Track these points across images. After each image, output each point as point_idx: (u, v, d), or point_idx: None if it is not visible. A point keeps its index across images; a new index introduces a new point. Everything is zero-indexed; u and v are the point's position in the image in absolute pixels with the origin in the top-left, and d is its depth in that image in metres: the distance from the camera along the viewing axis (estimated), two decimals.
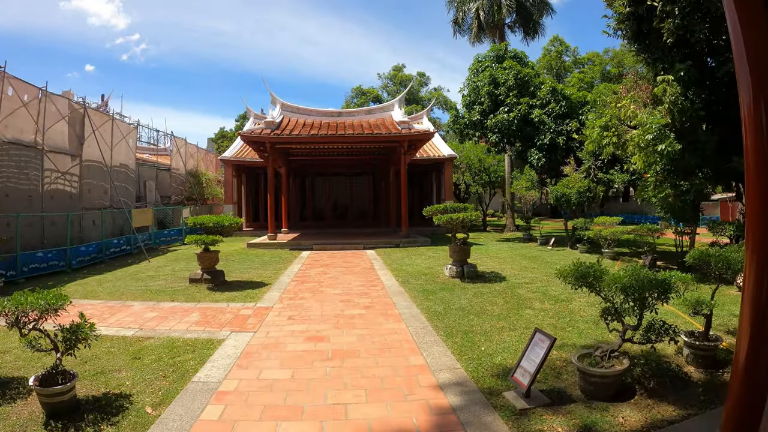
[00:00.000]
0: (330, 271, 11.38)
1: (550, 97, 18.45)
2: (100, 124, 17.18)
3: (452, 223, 9.09)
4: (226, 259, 14.11)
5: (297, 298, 8.29)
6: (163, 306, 8.15)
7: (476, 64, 20.59)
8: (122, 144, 18.57)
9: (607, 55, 40.30)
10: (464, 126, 19.43)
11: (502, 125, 17.86)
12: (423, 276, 10.31)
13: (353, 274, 10.86)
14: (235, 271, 11.61)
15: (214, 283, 9.77)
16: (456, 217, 9.00)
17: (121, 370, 5.12)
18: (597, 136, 11.83)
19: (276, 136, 16.86)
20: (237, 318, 6.99)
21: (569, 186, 16.36)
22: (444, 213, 9.50)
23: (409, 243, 17.01)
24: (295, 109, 20.56)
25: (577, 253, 15.28)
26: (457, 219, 9.00)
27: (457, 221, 9.05)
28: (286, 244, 17.01)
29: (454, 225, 9.22)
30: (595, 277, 4.47)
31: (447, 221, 9.05)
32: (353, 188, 28.92)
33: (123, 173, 18.73)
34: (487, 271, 10.94)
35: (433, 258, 13.53)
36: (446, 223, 9.16)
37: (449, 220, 9.01)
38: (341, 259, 13.69)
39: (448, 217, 9.00)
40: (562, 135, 17.65)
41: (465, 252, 9.81)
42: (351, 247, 16.31)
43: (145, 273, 12.05)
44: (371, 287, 9.15)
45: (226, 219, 9.64)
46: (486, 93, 18.67)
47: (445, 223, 9.17)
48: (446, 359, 5.01)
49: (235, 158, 24.01)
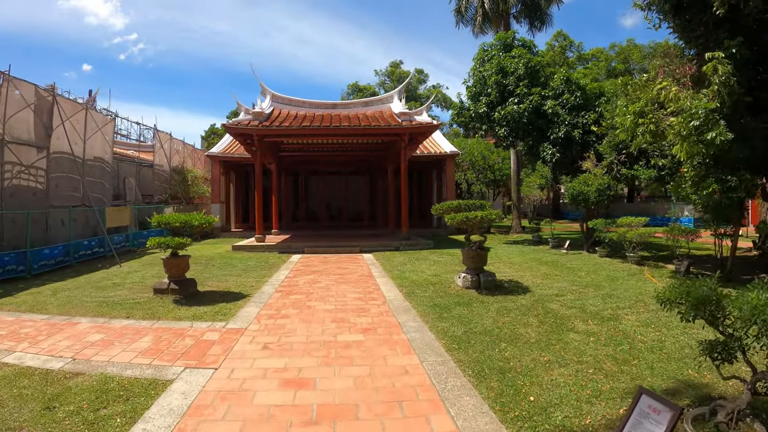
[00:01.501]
0: (322, 279, 9.80)
1: (563, 87, 16.95)
2: (72, 113, 15.52)
3: (468, 223, 7.53)
4: (205, 264, 12.53)
5: (279, 315, 6.70)
6: (114, 325, 6.60)
7: (481, 54, 19.07)
8: (97, 136, 16.92)
9: (612, 50, 38.98)
10: (469, 119, 17.88)
11: (512, 118, 16.34)
12: (431, 286, 8.75)
13: (349, 283, 9.28)
14: (211, 279, 10.00)
15: (183, 295, 8.18)
16: (473, 217, 7.44)
17: (21, 430, 3.59)
18: (631, 124, 10.30)
19: (264, 128, 15.27)
20: (198, 345, 5.40)
21: (588, 183, 14.86)
22: (457, 211, 7.95)
23: (410, 246, 15.45)
24: (287, 100, 18.95)
25: (596, 257, 13.84)
26: (474, 219, 7.45)
27: (474, 221, 7.49)
28: (274, 247, 15.41)
29: (470, 226, 7.67)
30: (717, 305, 2.93)
31: (462, 221, 7.49)
32: (349, 187, 27.31)
33: (98, 168, 17.08)
34: (504, 279, 9.40)
35: (439, 263, 11.97)
36: (461, 224, 7.61)
37: (464, 220, 7.45)
38: (335, 264, 12.11)
39: (464, 217, 7.44)
40: (578, 128, 16.14)
41: (481, 258, 8.26)
42: (346, 250, 14.73)
43: (111, 280, 10.45)
44: (370, 301, 7.57)
45: (196, 218, 8.04)
46: (494, 83, 17.14)
47: (460, 224, 7.61)
48: (485, 421, 3.44)
49: (223, 154, 22.38)
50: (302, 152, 22.21)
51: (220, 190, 22.63)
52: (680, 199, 11.37)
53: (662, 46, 37.65)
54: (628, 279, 10.12)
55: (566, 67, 17.74)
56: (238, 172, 24.41)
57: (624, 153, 14.29)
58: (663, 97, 9.94)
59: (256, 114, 15.71)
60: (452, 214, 7.71)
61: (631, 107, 10.70)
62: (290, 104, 18.75)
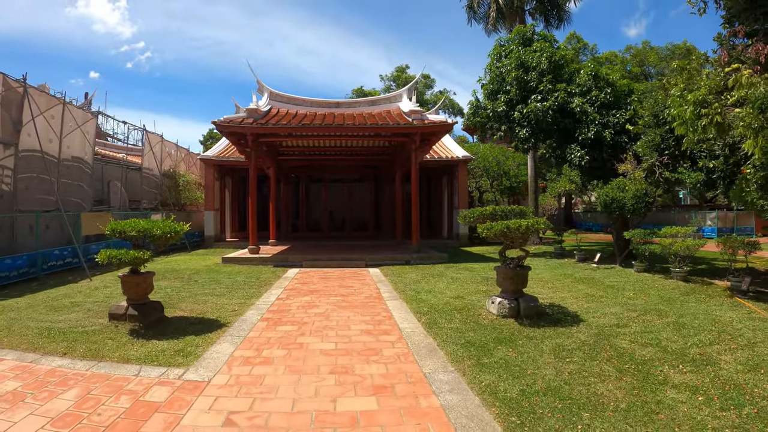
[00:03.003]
0: (320, 301, 8.05)
1: (591, 83, 15.29)
2: (47, 108, 13.94)
3: (509, 234, 5.79)
4: (188, 279, 10.84)
5: (258, 359, 4.94)
6: (41, 367, 4.99)
7: (498, 49, 17.46)
8: (76, 134, 15.32)
9: (627, 53, 37.38)
10: (486, 119, 16.23)
11: (535, 116, 14.66)
12: (456, 313, 7.00)
13: (353, 307, 7.53)
14: (187, 299, 8.28)
15: (142, 323, 6.47)
16: (515, 227, 5.71)
17: None
18: (691, 116, 8.59)
19: (259, 126, 13.64)
20: (132, 413, 3.68)
21: (622, 188, 13.14)
22: (493, 219, 6.23)
23: (422, 259, 13.71)
24: (286, 98, 17.35)
25: (633, 272, 12.16)
26: (516, 229, 5.72)
27: (516, 232, 5.77)
28: (269, 260, 13.69)
29: (511, 237, 5.93)
30: None
31: (501, 232, 5.76)
32: (353, 195, 25.59)
33: (77, 169, 15.45)
34: (544, 303, 7.64)
35: (458, 281, 10.21)
36: (499, 236, 5.87)
37: (505, 231, 5.72)
38: (337, 280, 10.38)
39: (503, 227, 5.70)
40: (609, 128, 14.45)
41: (522, 279, 6.52)
42: (350, 264, 12.99)
43: (72, 298, 8.78)
44: (382, 335, 5.82)
45: (159, 226, 6.34)
46: (514, 79, 15.50)
47: (498, 235, 5.88)
48: None
49: (218, 158, 20.75)
50: (303, 156, 20.59)
51: (215, 196, 20.97)
52: (744, 205, 9.66)
53: (680, 47, 36.22)
54: (686, 300, 8.41)
55: (593, 62, 16.03)
56: (235, 178, 22.78)
57: (666, 154, 12.57)
58: (732, 82, 8.26)
59: (251, 111, 14.09)
60: (488, 224, 5.97)
61: (690, 96, 8.96)
62: (290, 103, 17.16)
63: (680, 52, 35.43)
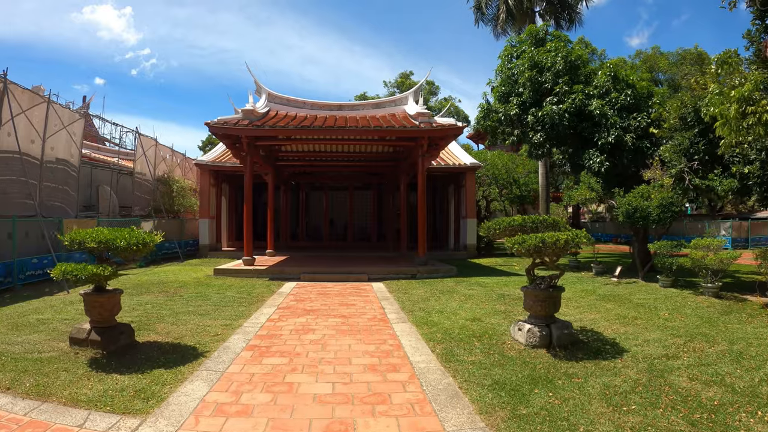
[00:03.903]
0: (317, 324, 7.03)
1: (610, 84, 14.35)
2: (29, 106, 13.05)
3: (544, 249, 4.79)
4: (172, 294, 9.85)
5: (235, 407, 3.92)
6: None
7: (509, 50, 16.56)
8: (61, 135, 14.40)
9: (637, 59, 36.48)
10: (498, 122, 15.28)
11: (550, 120, 13.70)
12: (475, 340, 5.98)
13: (355, 332, 6.51)
14: (166, 319, 7.28)
15: (106, 350, 5.48)
16: (551, 241, 4.71)
17: None
18: (735, 114, 7.62)
19: (254, 128, 12.72)
20: None
21: (646, 197, 12.15)
22: (523, 230, 5.23)
23: (429, 273, 12.69)
24: (285, 100, 16.46)
25: (658, 287, 11.21)
26: (554, 243, 4.72)
27: (554, 247, 4.77)
28: (265, 272, 12.70)
29: (547, 253, 4.93)
30: None
31: (536, 247, 4.75)
32: (356, 204, 24.58)
33: (62, 172, 14.52)
34: (575, 328, 6.61)
35: (472, 299, 9.18)
36: (532, 251, 4.86)
37: (540, 245, 4.71)
38: (338, 297, 9.37)
39: (538, 241, 4.69)
40: (630, 132, 13.48)
41: (554, 302, 5.51)
42: (352, 277, 11.98)
43: (40, 314, 7.81)
44: (390, 373, 4.79)
45: (123, 236, 5.36)
46: (527, 80, 14.57)
47: (531, 250, 4.87)
48: None
49: (213, 163, 19.85)
50: (303, 162, 19.67)
51: (210, 203, 20.03)
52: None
53: (691, 53, 35.33)
54: (728, 321, 7.46)
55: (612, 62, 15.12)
56: (232, 184, 21.85)
57: (696, 159, 11.59)
58: None
59: (247, 112, 13.18)
60: (519, 237, 4.95)
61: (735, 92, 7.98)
62: (289, 105, 16.26)
63: (691, 57, 34.60)
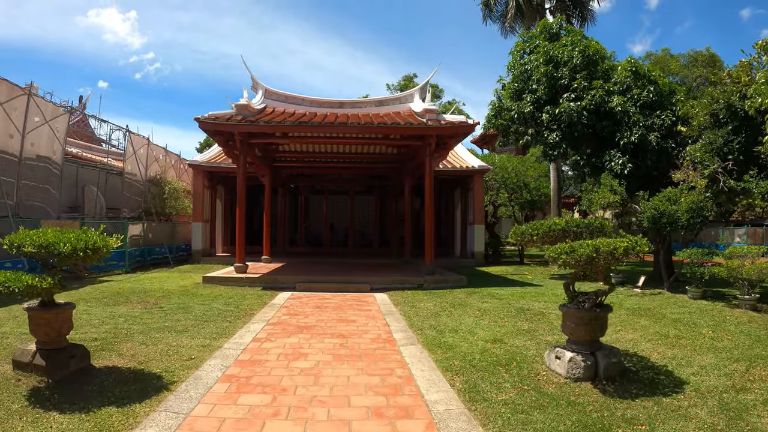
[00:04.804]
0: (311, 346, 5.95)
1: (630, 81, 13.35)
2: (8, 98, 12.11)
3: (597, 261, 3.73)
4: (153, 304, 8.79)
5: None
6: None
7: (521, 45, 15.59)
8: (43, 131, 13.44)
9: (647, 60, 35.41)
10: (510, 121, 14.26)
11: (568, 117, 12.68)
12: (502, 371, 4.91)
13: (355, 357, 5.43)
14: (137, 336, 6.22)
15: (52, 378, 4.46)
16: (607, 249, 3.66)
17: None
18: None
19: (248, 124, 11.72)
20: None
21: (673, 200, 11.11)
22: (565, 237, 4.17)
23: (437, 282, 11.61)
24: (283, 97, 15.47)
25: (687, 298, 10.19)
26: (610, 252, 3.67)
27: (610, 257, 3.71)
28: (258, 280, 11.64)
29: (599, 265, 3.87)
30: None
31: (588, 257, 3.68)
32: (357, 208, 23.51)
33: (43, 170, 13.54)
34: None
35: (489, 314, 8.10)
36: (583, 263, 3.79)
37: (594, 255, 3.65)
38: (336, 312, 8.29)
39: (592, 249, 3.64)
40: (653, 131, 12.46)
41: (601, 324, 4.45)
42: (352, 287, 10.90)
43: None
44: (401, 420, 3.69)
45: (69, 239, 4.33)
46: (542, 75, 13.57)
47: (581, 262, 3.79)
48: None
49: (208, 164, 18.85)
50: (302, 164, 18.67)
51: (204, 206, 19.01)
52: None
53: (702, 55, 34.30)
54: None
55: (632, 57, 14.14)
56: (228, 186, 20.83)
57: (730, 159, 10.55)
58: None
59: (240, 107, 12.18)
60: (566, 245, 3.87)
61: None
62: (287, 101, 15.28)
63: (704, 59, 33.62)
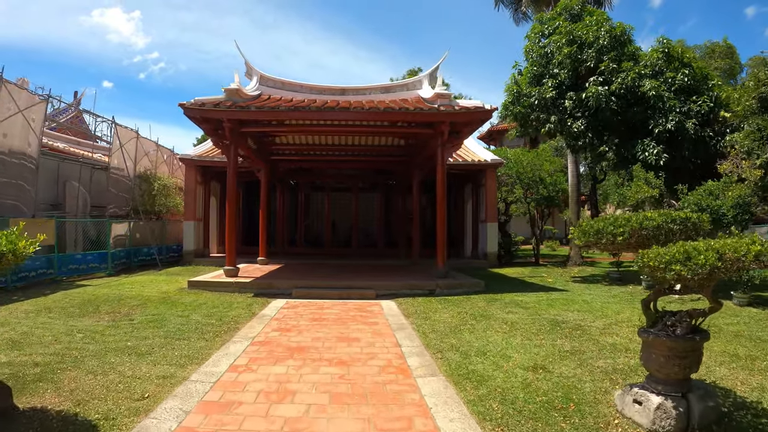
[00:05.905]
0: (301, 380, 4.67)
1: (663, 63, 12.04)
2: None
3: (720, 272, 2.48)
4: (123, 316, 7.53)
5: None
6: None
7: (539, 28, 14.27)
8: (16, 121, 12.21)
9: None
10: (530, 108, 12.95)
11: (596, 103, 11.38)
12: (559, 417, 3.62)
13: (358, 399, 4.13)
14: (85, 362, 4.96)
15: None
16: (734, 255, 2.41)
17: None
18: None
19: (239, 110, 10.48)
20: None
21: (716, 195, 9.83)
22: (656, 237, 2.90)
23: (451, 287, 10.33)
24: (280, 83, 14.19)
25: (733, 305, 9.09)
26: (736, 260, 2.43)
27: (733, 264, 2.47)
28: (249, 285, 10.38)
29: (718, 278, 2.63)
30: None
31: (711, 268, 2.43)
32: (361, 206, 22.18)
33: (16, 165, 12.31)
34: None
35: (520, 329, 6.79)
36: (704, 277, 2.55)
37: (719, 264, 2.42)
38: (336, 325, 7.02)
39: (715, 257, 2.39)
40: (690, 117, 11.15)
41: (697, 357, 3.18)
42: (355, 293, 9.61)
43: None
44: None
45: None
46: (566, 57, 12.27)
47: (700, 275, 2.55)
48: None
49: (201, 158, 17.65)
50: (301, 157, 17.39)
51: (197, 203, 17.80)
52: None
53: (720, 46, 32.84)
54: None
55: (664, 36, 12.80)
56: (222, 182, 19.55)
57: None
58: None
59: (231, 92, 10.93)
60: (676, 251, 2.59)
61: None
62: (284, 88, 13.98)
63: (721, 51, 32.20)
